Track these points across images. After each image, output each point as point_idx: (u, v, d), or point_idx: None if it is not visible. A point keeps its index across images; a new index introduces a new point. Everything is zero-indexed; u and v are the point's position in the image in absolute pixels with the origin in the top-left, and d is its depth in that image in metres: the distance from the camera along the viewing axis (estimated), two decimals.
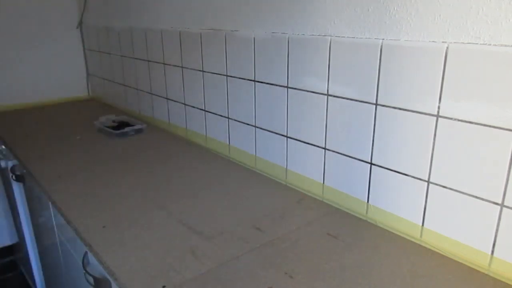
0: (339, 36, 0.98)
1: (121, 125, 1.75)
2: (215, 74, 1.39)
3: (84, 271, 1.00)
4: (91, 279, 0.98)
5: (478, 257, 0.81)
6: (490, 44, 0.73)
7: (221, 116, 1.42)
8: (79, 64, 2.39)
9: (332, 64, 1.00)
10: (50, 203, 1.24)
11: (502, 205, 0.76)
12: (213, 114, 1.46)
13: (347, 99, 0.98)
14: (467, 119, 0.77)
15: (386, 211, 0.96)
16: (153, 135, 1.70)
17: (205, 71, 1.44)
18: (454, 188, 0.82)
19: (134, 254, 0.87)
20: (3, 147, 1.71)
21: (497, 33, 0.72)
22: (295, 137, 1.15)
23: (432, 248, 0.88)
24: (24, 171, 1.47)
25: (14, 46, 2.14)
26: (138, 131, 1.72)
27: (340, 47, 0.97)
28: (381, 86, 0.90)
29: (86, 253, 1.04)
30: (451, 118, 0.80)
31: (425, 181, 0.87)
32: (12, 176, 1.65)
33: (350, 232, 0.96)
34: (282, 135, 1.19)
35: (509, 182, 0.74)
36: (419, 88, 0.84)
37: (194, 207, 1.08)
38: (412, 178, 0.89)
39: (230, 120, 1.38)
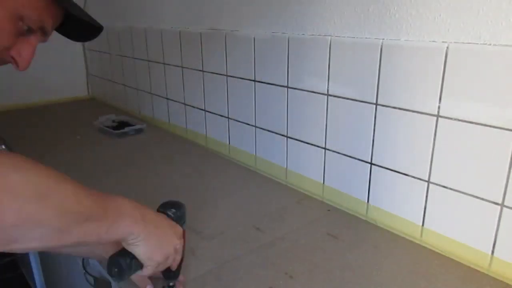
0: (339, 36, 0.98)
1: (121, 125, 1.75)
2: (215, 74, 1.39)
3: (84, 271, 1.00)
4: (91, 279, 0.98)
5: (478, 257, 0.81)
6: (490, 44, 0.73)
7: (221, 116, 1.42)
8: (79, 64, 2.39)
9: (332, 64, 1.00)
10: None
11: (502, 205, 0.76)
12: (213, 114, 1.46)
13: (347, 99, 0.98)
14: (467, 119, 0.77)
15: (386, 211, 0.96)
16: (153, 135, 1.70)
17: (205, 71, 1.44)
18: (454, 188, 0.82)
19: None
20: (3, 147, 1.70)
21: (497, 33, 0.72)
22: (295, 137, 1.15)
23: (432, 248, 0.88)
24: None
25: None
26: (138, 131, 1.71)
27: (340, 47, 0.97)
28: (381, 86, 0.90)
29: None
30: (451, 118, 0.80)
31: (425, 181, 0.87)
32: None
33: (350, 232, 0.96)
34: (282, 135, 1.19)
35: (509, 182, 0.74)
36: (419, 88, 0.84)
37: (194, 207, 1.08)
38: (412, 178, 0.89)
39: (230, 120, 1.38)
